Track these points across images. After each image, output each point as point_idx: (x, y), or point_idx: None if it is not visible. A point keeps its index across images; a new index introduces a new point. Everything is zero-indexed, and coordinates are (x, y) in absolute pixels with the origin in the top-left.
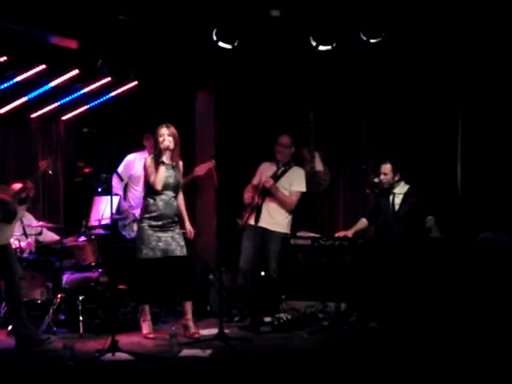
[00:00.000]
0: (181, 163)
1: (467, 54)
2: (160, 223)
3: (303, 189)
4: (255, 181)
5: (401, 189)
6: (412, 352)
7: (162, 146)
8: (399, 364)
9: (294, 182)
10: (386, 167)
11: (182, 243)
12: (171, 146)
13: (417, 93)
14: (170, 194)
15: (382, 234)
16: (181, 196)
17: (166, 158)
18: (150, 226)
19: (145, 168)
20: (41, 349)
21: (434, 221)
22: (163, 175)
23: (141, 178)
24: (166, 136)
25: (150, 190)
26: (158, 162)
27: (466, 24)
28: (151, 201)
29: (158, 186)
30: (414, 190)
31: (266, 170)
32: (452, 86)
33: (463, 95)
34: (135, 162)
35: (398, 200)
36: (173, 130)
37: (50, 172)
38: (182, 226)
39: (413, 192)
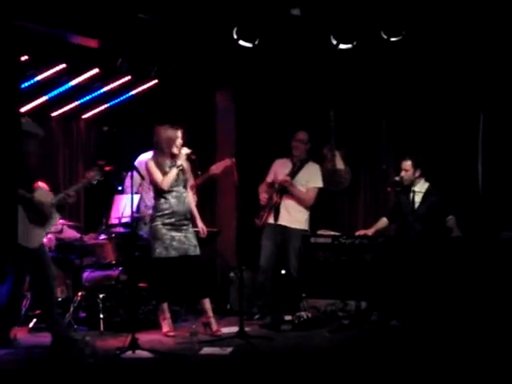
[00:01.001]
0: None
1: (488, 49)
2: (173, 220)
3: (320, 184)
4: (269, 178)
5: (421, 187)
6: (433, 350)
7: (182, 152)
8: (420, 363)
9: (311, 178)
10: (407, 164)
11: (195, 242)
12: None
13: (437, 91)
14: (181, 189)
15: (402, 233)
16: (190, 194)
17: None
18: (164, 225)
19: (147, 170)
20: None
21: (454, 220)
22: (173, 177)
23: None
24: (181, 139)
25: (159, 190)
26: (171, 165)
27: (486, 20)
28: (162, 199)
29: (166, 187)
30: (433, 188)
31: (279, 167)
32: (473, 84)
33: (484, 93)
34: None
35: (417, 198)
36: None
37: (94, 182)
38: (194, 225)
39: (433, 190)
